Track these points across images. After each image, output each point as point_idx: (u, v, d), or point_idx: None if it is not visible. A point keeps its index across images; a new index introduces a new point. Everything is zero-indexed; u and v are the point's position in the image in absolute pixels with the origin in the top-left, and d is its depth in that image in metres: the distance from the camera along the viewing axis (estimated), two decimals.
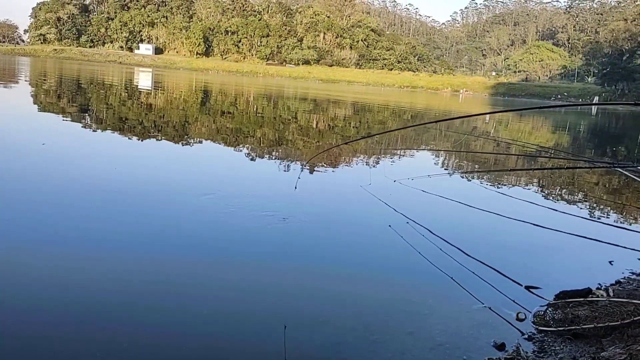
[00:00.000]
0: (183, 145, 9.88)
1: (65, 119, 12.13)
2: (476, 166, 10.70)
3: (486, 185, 8.27)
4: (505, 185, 8.57)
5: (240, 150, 10.00)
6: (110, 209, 5.04)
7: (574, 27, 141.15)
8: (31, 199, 5.15)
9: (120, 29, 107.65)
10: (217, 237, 4.51)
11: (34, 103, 15.46)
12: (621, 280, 4.15)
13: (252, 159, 9.13)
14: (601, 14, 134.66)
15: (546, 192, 8.33)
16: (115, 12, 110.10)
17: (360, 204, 6.21)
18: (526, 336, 3.10)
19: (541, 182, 9.27)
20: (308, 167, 8.56)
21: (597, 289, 3.77)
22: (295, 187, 6.22)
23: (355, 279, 3.96)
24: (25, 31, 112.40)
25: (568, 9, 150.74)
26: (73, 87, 23.85)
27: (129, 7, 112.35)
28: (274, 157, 9.53)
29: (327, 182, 7.66)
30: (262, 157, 9.38)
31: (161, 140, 10.30)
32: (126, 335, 2.78)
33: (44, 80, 27.38)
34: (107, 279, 3.48)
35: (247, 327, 3.00)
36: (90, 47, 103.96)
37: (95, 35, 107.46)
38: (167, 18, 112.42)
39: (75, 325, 2.85)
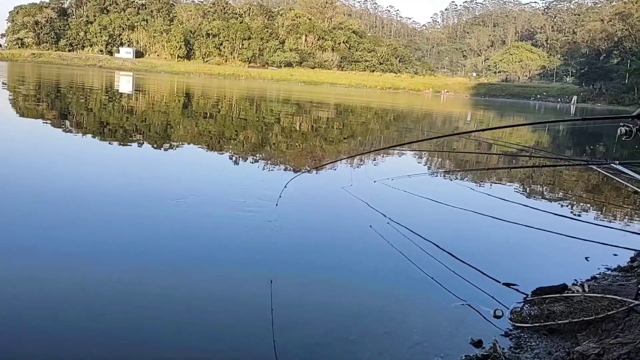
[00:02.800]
0: (166, 150, 9.81)
1: (44, 124, 11.96)
2: (456, 167, 10.78)
3: (466, 185, 8.35)
4: (484, 184, 8.65)
5: (224, 154, 9.97)
6: (79, 215, 4.98)
7: (552, 27, 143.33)
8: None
9: (100, 32, 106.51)
10: (196, 243, 4.48)
11: (12, 107, 15.21)
12: (596, 275, 4.21)
13: (235, 163, 9.09)
14: (578, 15, 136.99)
15: (525, 191, 8.43)
16: (94, 16, 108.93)
17: (341, 205, 6.22)
18: (503, 333, 3.14)
19: (520, 181, 9.38)
20: (293, 171, 8.55)
21: (573, 284, 3.82)
22: (280, 196, 6.20)
23: (335, 279, 3.96)
24: (3, 35, 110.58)
25: (546, 10, 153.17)
26: (52, 91, 23.53)
27: (108, 11, 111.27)
28: (258, 161, 9.49)
29: (309, 184, 7.67)
30: (246, 161, 9.35)
31: (143, 145, 10.20)
32: (103, 345, 2.74)
33: (22, 84, 26.96)
34: (82, 287, 3.44)
35: (224, 331, 2.99)
36: (69, 51, 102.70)
37: (74, 39, 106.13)
38: (147, 21, 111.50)
39: (50, 335, 2.80)
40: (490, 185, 8.65)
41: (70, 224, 4.63)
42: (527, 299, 3.55)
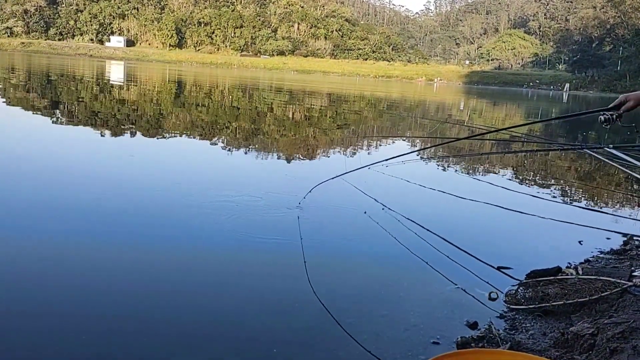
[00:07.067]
0: (159, 139, 9.77)
1: (35, 114, 11.86)
2: (449, 153, 10.79)
3: (459, 171, 8.38)
4: (478, 171, 8.69)
5: (218, 144, 9.94)
6: (86, 200, 4.96)
7: (544, 15, 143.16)
8: None
9: (90, 21, 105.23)
10: (191, 230, 4.48)
11: (2, 97, 15.07)
12: (590, 259, 4.25)
13: (228, 152, 9.07)
14: (571, 2, 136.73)
15: (518, 177, 8.47)
16: (84, 4, 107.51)
17: (335, 192, 6.22)
18: (498, 315, 3.16)
19: (513, 167, 9.42)
20: (285, 159, 8.54)
21: (567, 267, 3.86)
22: (273, 185, 6.20)
23: (331, 265, 3.97)
24: None
25: None
26: (43, 81, 23.30)
27: None
28: (249, 150, 9.48)
29: (302, 172, 7.67)
30: (239, 150, 9.33)
31: (138, 134, 10.15)
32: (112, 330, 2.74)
33: (12, 74, 26.67)
34: (91, 271, 3.43)
35: (221, 315, 3.00)
36: (59, 40, 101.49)
37: (64, 27, 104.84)
38: (138, 10, 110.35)
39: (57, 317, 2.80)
40: (483, 171, 8.69)
41: (79, 211, 4.62)
42: (522, 281, 3.58)
